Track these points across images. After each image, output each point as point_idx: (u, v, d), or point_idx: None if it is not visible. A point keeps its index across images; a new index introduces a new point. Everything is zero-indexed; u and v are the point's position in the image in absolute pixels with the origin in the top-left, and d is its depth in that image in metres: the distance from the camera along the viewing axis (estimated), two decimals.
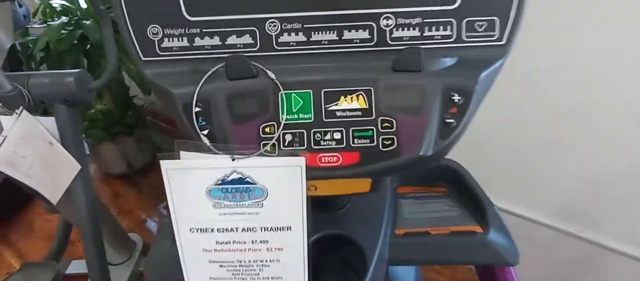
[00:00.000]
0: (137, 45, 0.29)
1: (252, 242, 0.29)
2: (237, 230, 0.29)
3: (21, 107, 0.69)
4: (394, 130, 0.28)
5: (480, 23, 0.28)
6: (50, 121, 0.73)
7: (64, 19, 1.10)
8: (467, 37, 0.29)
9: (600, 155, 0.77)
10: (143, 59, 0.30)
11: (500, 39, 0.29)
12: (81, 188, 0.78)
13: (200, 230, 0.29)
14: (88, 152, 1.36)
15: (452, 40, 0.29)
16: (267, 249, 0.30)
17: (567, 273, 0.94)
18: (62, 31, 1.07)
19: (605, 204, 0.81)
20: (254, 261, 0.30)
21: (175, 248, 0.42)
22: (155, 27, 0.29)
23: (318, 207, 0.42)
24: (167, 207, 0.28)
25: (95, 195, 0.81)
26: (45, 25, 1.09)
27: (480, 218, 0.44)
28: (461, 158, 0.49)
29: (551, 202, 0.88)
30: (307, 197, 0.29)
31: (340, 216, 0.43)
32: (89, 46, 1.12)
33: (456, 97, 0.28)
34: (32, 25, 1.14)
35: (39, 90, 0.70)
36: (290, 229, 0.29)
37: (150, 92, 1.24)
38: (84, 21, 1.09)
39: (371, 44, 0.29)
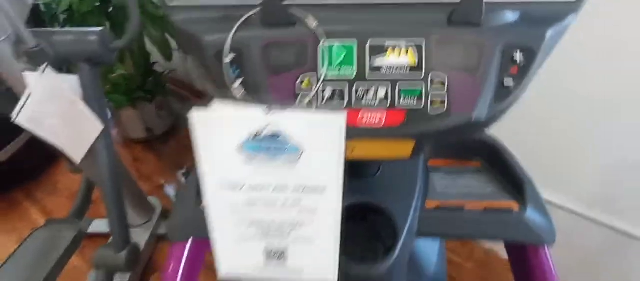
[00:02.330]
0: None
1: (284, 202, 0.28)
2: (268, 189, 0.27)
3: (45, 64, 0.68)
4: (445, 89, 0.26)
5: None
6: (73, 79, 0.73)
7: None
8: None
9: (629, 144, 0.74)
10: (169, 4, 0.28)
11: None
12: (104, 148, 0.79)
13: (230, 187, 0.27)
14: (110, 116, 1.38)
15: None
16: (299, 210, 0.28)
17: (588, 259, 0.92)
18: None
19: (634, 192, 0.78)
20: (284, 222, 0.29)
21: (199, 209, 0.41)
22: None
23: (347, 172, 0.40)
24: (187, 172, 0.26)
25: (117, 155, 0.82)
26: None
27: (517, 195, 0.42)
28: None
29: (576, 187, 0.87)
30: (345, 157, 0.27)
31: (371, 183, 0.41)
32: (111, 8, 1.11)
33: (519, 56, 0.25)
34: None
35: (62, 47, 0.70)
36: (325, 190, 0.27)
37: (171, 58, 1.23)
38: None
39: None
